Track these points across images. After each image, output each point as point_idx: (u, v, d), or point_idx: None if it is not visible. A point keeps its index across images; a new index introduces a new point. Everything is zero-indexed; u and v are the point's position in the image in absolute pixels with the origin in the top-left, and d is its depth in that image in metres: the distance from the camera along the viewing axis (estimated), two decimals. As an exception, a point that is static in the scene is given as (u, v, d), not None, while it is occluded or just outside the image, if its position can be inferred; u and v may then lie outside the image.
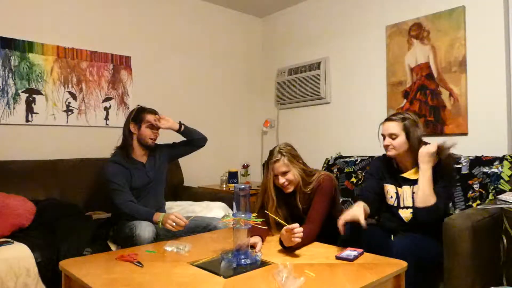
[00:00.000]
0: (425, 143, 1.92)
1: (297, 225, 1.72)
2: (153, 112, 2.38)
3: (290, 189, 2.06)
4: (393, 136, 1.92)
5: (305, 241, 1.88)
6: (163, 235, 2.10)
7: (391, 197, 2.00)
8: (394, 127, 1.92)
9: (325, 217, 1.98)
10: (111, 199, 2.18)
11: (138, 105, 2.43)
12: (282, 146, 2.09)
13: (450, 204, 2.35)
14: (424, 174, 1.83)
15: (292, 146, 2.12)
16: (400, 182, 2.00)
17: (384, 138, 1.98)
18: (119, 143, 2.40)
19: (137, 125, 2.33)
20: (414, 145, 1.91)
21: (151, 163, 2.40)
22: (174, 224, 1.95)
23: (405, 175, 1.98)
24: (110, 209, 2.46)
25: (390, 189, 2.02)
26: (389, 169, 2.04)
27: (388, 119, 1.98)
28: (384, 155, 2.05)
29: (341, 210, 2.21)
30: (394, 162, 2.04)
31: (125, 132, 2.35)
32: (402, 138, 1.90)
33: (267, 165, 2.11)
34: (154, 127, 2.34)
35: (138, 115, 2.34)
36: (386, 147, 1.97)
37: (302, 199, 2.07)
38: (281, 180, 2.04)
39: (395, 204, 1.99)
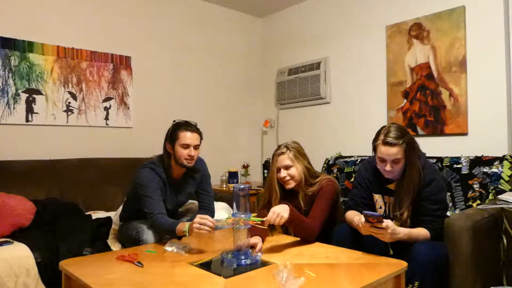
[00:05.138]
0: (420, 158, 1.87)
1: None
2: (190, 129, 2.09)
3: (291, 185, 2.06)
4: (396, 161, 1.80)
5: (302, 230, 1.90)
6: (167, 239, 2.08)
7: (380, 207, 1.98)
8: (398, 152, 1.77)
9: (324, 218, 1.98)
10: (140, 201, 2.02)
11: (174, 121, 2.15)
12: (290, 142, 2.13)
13: (450, 204, 2.35)
14: (404, 237, 1.71)
15: (300, 145, 2.15)
16: (386, 192, 1.95)
17: (382, 161, 1.83)
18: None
19: (171, 144, 2.10)
20: (412, 166, 1.82)
21: (185, 185, 2.23)
22: (201, 227, 1.72)
23: (390, 186, 1.93)
24: (125, 205, 2.32)
25: (378, 199, 1.99)
26: (377, 178, 1.97)
27: (389, 144, 1.77)
28: (374, 161, 1.93)
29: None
30: None
31: (164, 151, 2.15)
32: (403, 161, 1.80)
33: (272, 158, 2.13)
34: (189, 146, 2.06)
35: (172, 134, 2.10)
36: (386, 171, 1.83)
37: (304, 200, 2.07)
38: (283, 173, 2.05)
39: (384, 214, 1.95)
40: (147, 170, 2.08)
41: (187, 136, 2.07)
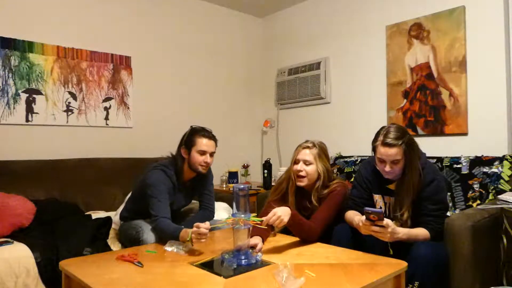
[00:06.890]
0: (420, 158, 1.86)
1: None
2: (207, 135, 2.10)
3: (303, 182, 2.05)
4: (395, 161, 1.80)
5: (303, 233, 1.89)
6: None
7: (380, 207, 1.97)
8: (397, 153, 1.77)
9: (328, 222, 1.98)
10: (147, 202, 2.00)
11: (191, 126, 2.16)
12: (319, 141, 2.14)
13: (450, 204, 2.35)
14: (403, 237, 1.71)
15: (326, 147, 2.16)
16: (386, 192, 1.95)
17: (381, 162, 1.83)
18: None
19: (187, 149, 2.09)
20: (411, 166, 1.82)
21: (193, 189, 2.24)
22: (200, 236, 1.71)
23: (390, 186, 1.93)
24: (128, 204, 2.32)
25: (378, 199, 1.98)
26: (377, 178, 1.96)
27: (389, 145, 1.77)
28: (374, 161, 1.92)
29: None
30: None
31: (178, 155, 2.13)
32: (402, 162, 1.80)
33: (296, 150, 2.13)
34: (205, 153, 2.07)
35: (188, 139, 2.10)
36: (386, 172, 1.83)
37: (317, 200, 2.06)
38: (300, 166, 2.04)
39: (384, 214, 1.94)
40: (158, 172, 2.06)
41: (204, 143, 2.08)
